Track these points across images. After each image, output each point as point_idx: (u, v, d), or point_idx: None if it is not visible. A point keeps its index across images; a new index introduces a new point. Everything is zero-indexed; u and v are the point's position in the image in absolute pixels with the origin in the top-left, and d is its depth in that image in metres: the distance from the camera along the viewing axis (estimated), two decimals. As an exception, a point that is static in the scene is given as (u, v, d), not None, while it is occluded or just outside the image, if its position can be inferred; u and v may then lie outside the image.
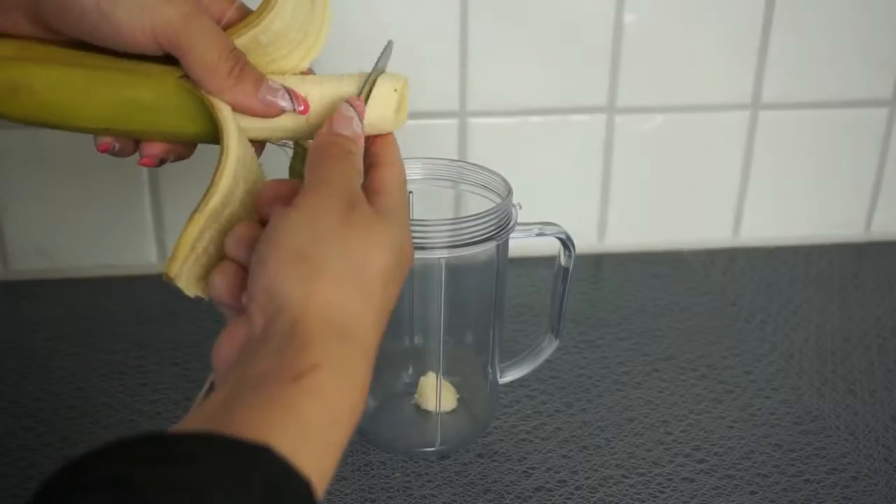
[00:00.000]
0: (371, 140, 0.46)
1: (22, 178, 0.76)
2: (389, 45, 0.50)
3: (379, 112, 0.47)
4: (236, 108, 0.46)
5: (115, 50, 0.45)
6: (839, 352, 0.71)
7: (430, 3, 0.74)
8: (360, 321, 0.38)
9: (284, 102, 0.46)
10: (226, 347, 0.39)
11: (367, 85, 0.47)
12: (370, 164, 0.45)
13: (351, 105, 0.45)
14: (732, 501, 0.55)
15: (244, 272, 0.41)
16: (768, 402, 0.65)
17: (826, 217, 0.87)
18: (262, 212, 0.44)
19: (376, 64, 0.49)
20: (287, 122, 0.47)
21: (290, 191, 0.42)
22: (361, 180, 0.43)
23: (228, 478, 0.29)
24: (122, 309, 0.75)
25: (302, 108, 0.47)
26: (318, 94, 0.47)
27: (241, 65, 0.45)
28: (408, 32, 0.75)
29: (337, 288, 0.38)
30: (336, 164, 0.42)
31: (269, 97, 0.46)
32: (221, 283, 0.42)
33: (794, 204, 0.86)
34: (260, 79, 0.46)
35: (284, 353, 0.35)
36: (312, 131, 0.47)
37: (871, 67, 0.81)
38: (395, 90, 0.47)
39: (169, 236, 0.79)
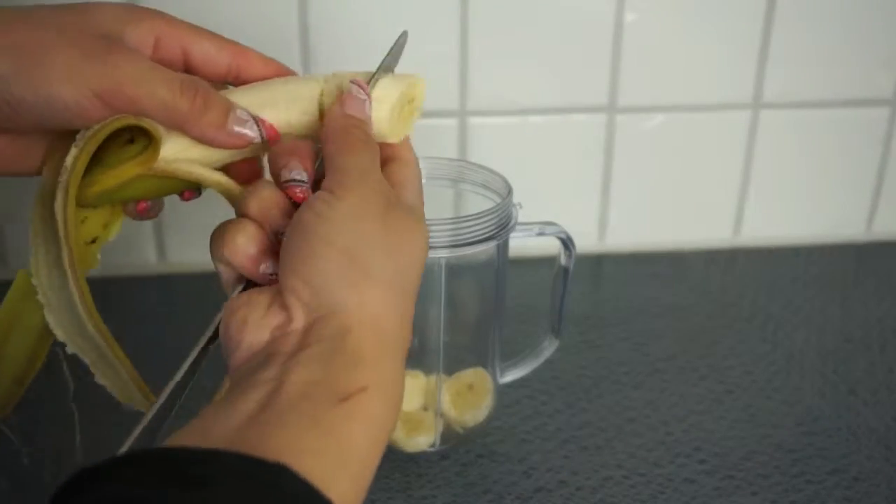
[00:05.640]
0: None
1: (23, 180, 0.76)
2: (403, 36, 0.46)
3: (376, 117, 0.43)
4: (202, 141, 0.42)
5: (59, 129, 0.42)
6: (840, 352, 0.71)
7: (430, 3, 0.74)
8: (401, 335, 0.37)
9: (252, 133, 0.42)
10: (241, 316, 0.37)
11: (371, 84, 0.43)
12: (385, 157, 0.43)
13: (360, 87, 0.42)
14: (733, 502, 0.55)
15: (264, 237, 0.40)
16: (769, 403, 0.64)
17: (826, 217, 0.87)
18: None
19: (383, 60, 0.45)
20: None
21: (308, 149, 0.41)
22: None
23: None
24: (121, 309, 0.75)
25: (269, 135, 0.43)
26: (283, 112, 0.43)
27: (203, 94, 0.41)
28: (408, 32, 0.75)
29: (384, 299, 0.36)
30: (365, 153, 0.40)
31: (237, 128, 0.42)
32: (246, 244, 0.39)
33: (794, 204, 0.86)
34: (227, 107, 0.42)
35: (332, 366, 0.34)
36: (265, 151, 0.44)
37: (871, 67, 0.81)
38: (400, 94, 0.43)
39: (169, 236, 0.79)
